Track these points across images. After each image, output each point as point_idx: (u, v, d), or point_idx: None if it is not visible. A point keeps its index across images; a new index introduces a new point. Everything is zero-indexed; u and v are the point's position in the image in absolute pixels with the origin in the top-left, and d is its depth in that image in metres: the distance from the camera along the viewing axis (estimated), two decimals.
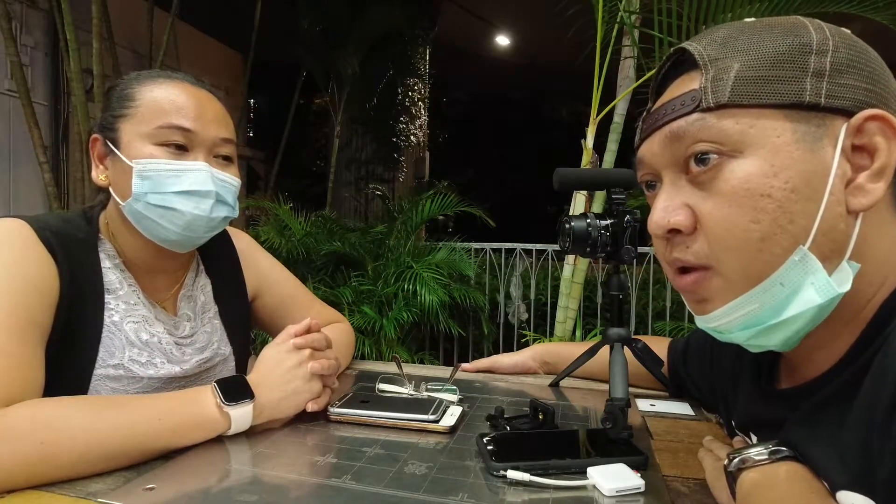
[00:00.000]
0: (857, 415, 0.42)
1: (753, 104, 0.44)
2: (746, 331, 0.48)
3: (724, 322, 0.48)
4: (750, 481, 0.49)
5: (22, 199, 3.54)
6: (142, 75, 0.79)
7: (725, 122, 0.45)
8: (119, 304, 0.77)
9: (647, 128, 0.52)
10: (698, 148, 0.46)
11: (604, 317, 3.35)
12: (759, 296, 0.45)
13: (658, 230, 0.49)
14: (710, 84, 0.46)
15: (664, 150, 0.49)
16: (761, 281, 0.45)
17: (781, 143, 0.43)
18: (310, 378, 0.73)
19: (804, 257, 0.43)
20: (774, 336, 0.47)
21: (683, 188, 0.48)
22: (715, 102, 0.45)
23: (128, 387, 0.75)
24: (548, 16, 2.93)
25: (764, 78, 0.44)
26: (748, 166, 0.44)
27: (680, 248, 0.49)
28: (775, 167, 0.43)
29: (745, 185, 0.44)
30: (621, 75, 2.53)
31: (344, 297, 2.92)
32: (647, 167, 0.52)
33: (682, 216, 0.47)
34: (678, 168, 0.49)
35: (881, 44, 0.55)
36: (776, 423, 0.53)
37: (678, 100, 0.48)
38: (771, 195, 0.43)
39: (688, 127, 0.47)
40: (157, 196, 0.73)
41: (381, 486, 0.55)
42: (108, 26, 3.26)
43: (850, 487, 0.42)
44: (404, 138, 6.24)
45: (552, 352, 1.02)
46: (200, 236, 0.79)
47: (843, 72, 0.44)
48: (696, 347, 0.82)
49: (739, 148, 0.44)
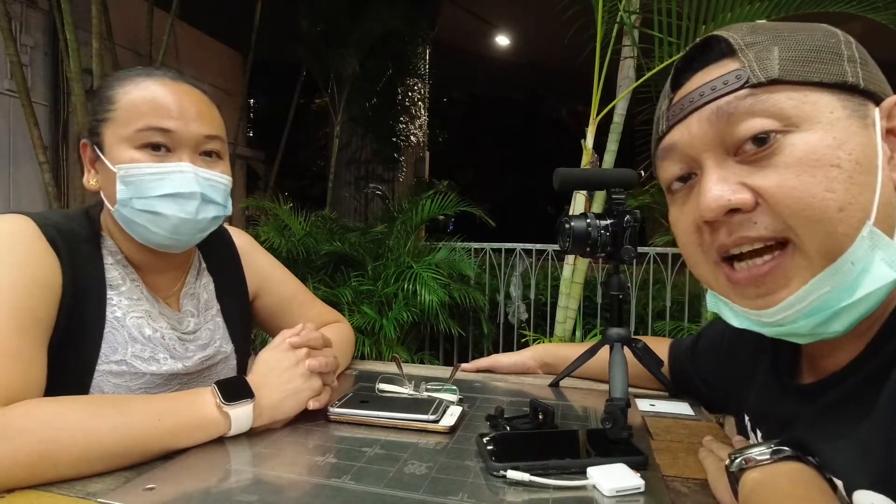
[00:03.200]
0: (880, 411, 0.42)
1: (802, 81, 0.45)
2: (814, 317, 0.45)
3: (793, 311, 0.45)
4: (752, 481, 0.48)
5: (22, 199, 3.54)
6: (121, 75, 0.77)
7: (779, 96, 0.45)
8: (122, 299, 0.77)
9: (677, 113, 0.50)
10: (755, 124, 0.45)
11: (604, 317, 3.35)
12: (832, 277, 0.43)
13: (713, 212, 0.46)
14: (756, 63, 0.46)
15: (707, 130, 0.47)
16: (837, 258, 0.43)
17: (836, 117, 0.44)
18: (309, 376, 0.73)
19: (872, 233, 0.43)
20: (839, 321, 0.46)
21: (732, 168, 0.46)
22: (766, 77, 0.45)
23: (130, 383, 0.75)
24: (548, 16, 2.93)
25: (807, 59, 0.45)
26: (810, 138, 0.44)
27: (744, 226, 0.45)
28: (837, 139, 0.43)
29: (814, 156, 0.43)
30: (621, 75, 2.53)
31: (344, 297, 2.92)
32: (681, 154, 0.50)
33: (745, 194, 0.45)
34: (723, 149, 0.47)
35: (881, 44, 0.56)
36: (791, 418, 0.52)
37: (719, 80, 0.47)
38: (840, 165, 0.43)
39: (738, 103, 0.46)
40: (142, 201, 0.72)
41: (381, 486, 0.55)
42: (108, 26, 3.26)
43: (871, 487, 0.42)
44: (404, 138, 6.24)
45: (552, 353, 1.02)
46: (191, 238, 0.79)
47: (866, 62, 0.46)
48: (709, 344, 0.81)
49: (796, 122, 0.44)
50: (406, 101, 6.23)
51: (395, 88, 5.93)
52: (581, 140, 2.41)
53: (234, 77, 5.61)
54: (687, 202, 0.51)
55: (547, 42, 5.65)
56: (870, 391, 0.43)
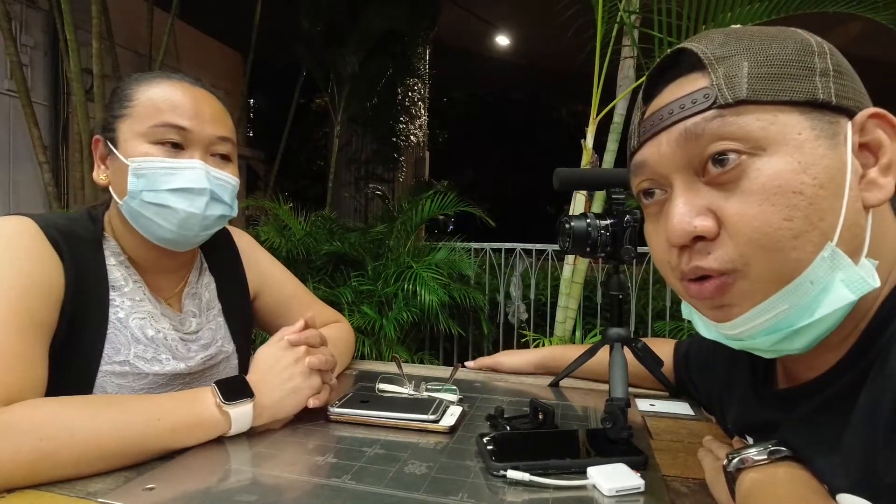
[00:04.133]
0: (859, 417, 0.42)
1: (770, 101, 0.43)
2: (772, 335, 0.46)
3: (748, 328, 0.46)
4: (749, 481, 0.49)
5: (22, 199, 3.54)
6: (141, 77, 0.80)
7: (746, 119, 0.44)
8: (124, 300, 0.77)
9: (648, 130, 0.49)
10: (719, 147, 0.44)
11: (604, 317, 3.35)
12: (789, 296, 0.43)
13: (680, 238, 0.46)
14: (724, 81, 0.44)
15: (675, 150, 0.47)
16: (789, 281, 0.43)
17: (803, 139, 0.43)
18: (309, 374, 0.73)
19: (833, 253, 0.42)
20: (800, 339, 0.46)
21: (700, 191, 0.46)
22: (734, 98, 0.44)
23: (133, 383, 0.75)
24: (548, 16, 2.93)
25: (777, 76, 0.44)
26: (776, 163, 0.43)
27: (700, 255, 0.46)
28: (802, 163, 0.42)
29: (776, 182, 0.42)
30: (621, 75, 2.53)
31: (344, 297, 2.92)
32: (651, 171, 0.49)
33: (708, 221, 0.45)
34: (691, 170, 0.46)
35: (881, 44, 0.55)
36: (772, 425, 0.53)
37: (686, 98, 0.46)
38: (802, 192, 0.42)
39: (706, 125, 0.45)
40: (152, 194, 0.74)
41: (381, 486, 0.55)
42: (108, 26, 3.26)
43: (853, 491, 0.42)
44: (404, 138, 6.25)
45: (556, 357, 1.01)
46: (196, 234, 0.79)
47: (841, 73, 0.45)
48: (696, 350, 0.82)
49: (762, 145, 0.43)
50: (406, 101, 6.23)
51: (395, 88, 5.93)
52: (581, 140, 2.41)
53: (234, 77, 5.61)
54: (659, 220, 0.50)
55: (547, 42, 5.65)
56: (848, 398, 0.43)
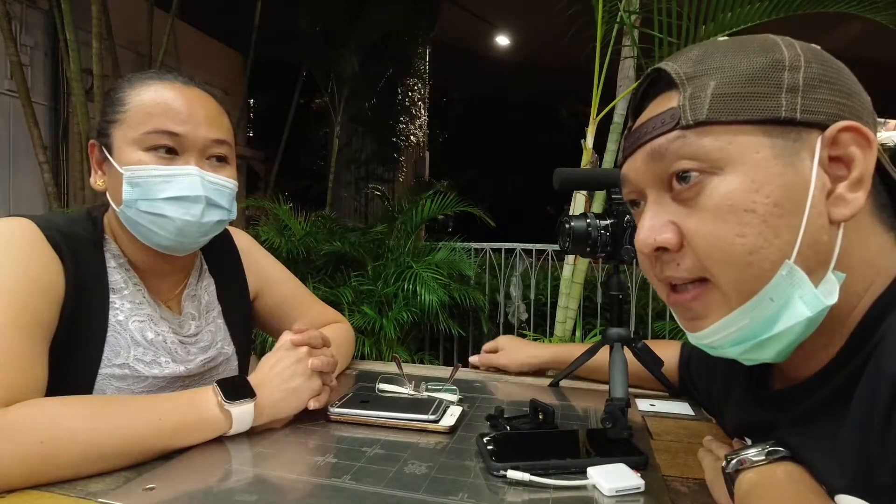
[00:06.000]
0: (853, 418, 0.42)
1: (731, 121, 0.45)
2: (739, 346, 0.48)
3: (717, 338, 0.48)
4: (748, 482, 0.49)
5: (22, 199, 3.54)
6: (133, 78, 0.78)
7: (705, 140, 0.45)
8: (124, 303, 0.77)
9: (629, 146, 0.52)
10: (680, 166, 0.46)
11: (604, 317, 3.35)
12: (750, 311, 0.45)
13: (645, 248, 0.49)
14: (689, 102, 0.46)
15: (646, 168, 0.49)
16: (752, 296, 0.45)
17: (761, 158, 0.44)
18: (310, 375, 0.73)
19: (791, 271, 0.43)
20: (767, 350, 0.48)
21: (668, 206, 0.48)
22: (694, 120, 0.45)
23: (132, 386, 0.75)
24: (548, 16, 2.93)
25: (740, 95, 0.45)
26: (730, 183, 0.44)
27: (670, 266, 0.49)
28: (756, 182, 0.44)
29: (728, 201, 0.44)
30: (621, 75, 2.53)
31: (344, 297, 2.92)
32: (631, 185, 0.53)
33: (669, 233, 0.47)
34: (661, 186, 0.49)
35: (881, 44, 0.55)
36: (768, 426, 0.53)
37: (658, 118, 0.48)
38: (754, 210, 0.43)
39: (668, 145, 0.47)
40: (147, 203, 0.73)
41: (381, 486, 0.55)
42: (108, 26, 3.26)
43: (850, 491, 0.42)
44: (404, 138, 6.25)
45: (565, 356, 1.01)
46: (195, 241, 0.79)
47: (816, 87, 0.45)
48: (697, 352, 0.83)
49: (720, 165, 0.45)
50: (406, 101, 6.23)
51: (395, 88, 5.93)
52: (581, 140, 2.41)
53: (234, 77, 5.61)
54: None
55: (547, 42, 5.65)
56: (841, 400, 0.44)
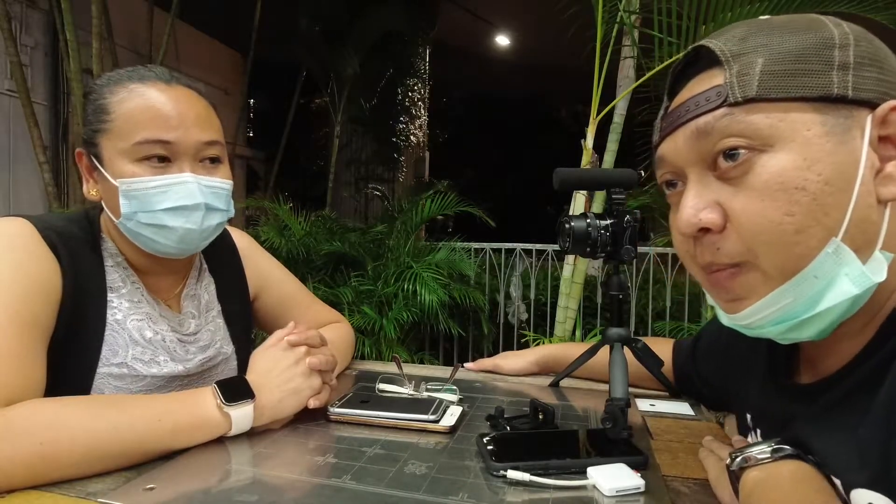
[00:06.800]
0: (877, 411, 0.42)
1: (782, 98, 0.44)
2: (781, 325, 0.48)
3: (757, 318, 0.48)
4: (753, 480, 0.49)
5: (22, 199, 3.54)
6: (112, 80, 0.75)
7: (755, 117, 0.45)
8: (122, 302, 0.77)
9: (668, 126, 0.51)
10: (727, 143, 0.46)
11: (604, 317, 3.35)
12: (794, 289, 0.45)
13: (688, 229, 0.48)
14: (736, 79, 0.45)
15: (689, 146, 0.49)
16: (794, 274, 0.44)
17: (812, 135, 0.43)
18: (309, 374, 0.73)
19: (838, 249, 0.43)
20: (808, 329, 0.47)
21: (711, 185, 0.48)
22: (743, 97, 0.45)
23: (131, 385, 0.75)
24: (548, 16, 2.93)
25: (790, 72, 0.44)
26: (781, 160, 0.44)
27: (710, 249, 0.48)
28: (808, 160, 0.43)
29: (779, 179, 0.44)
30: (621, 75, 2.54)
31: (344, 297, 2.91)
32: (669, 165, 0.52)
33: (714, 214, 0.47)
34: (704, 165, 0.48)
35: None
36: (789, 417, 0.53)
37: (701, 96, 0.48)
38: (805, 188, 0.43)
39: (715, 122, 0.46)
40: (147, 215, 0.72)
41: (381, 486, 0.55)
42: (108, 26, 3.26)
43: (869, 486, 0.42)
44: (404, 138, 6.25)
45: (556, 356, 1.01)
46: (197, 246, 0.79)
47: (866, 65, 0.45)
48: (708, 343, 0.81)
49: (770, 142, 0.44)
50: (406, 101, 6.23)
51: (395, 88, 5.93)
52: (581, 140, 2.41)
53: (234, 77, 5.61)
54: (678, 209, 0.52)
55: (547, 42, 5.64)
56: (867, 392, 0.44)
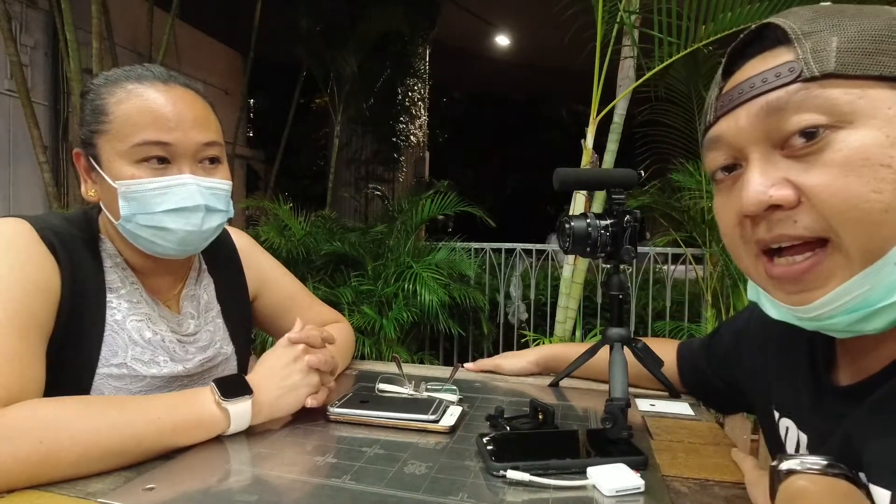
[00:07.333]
0: None
1: (860, 75, 0.43)
2: (852, 314, 0.45)
3: (830, 308, 0.46)
4: (797, 488, 0.46)
5: (22, 199, 3.54)
6: (109, 80, 0.75)
7: (833, 91, 0.43)
8: (121, 302, 0.77)
9: (727, 104, 0.50)
10: (805, 120, 0.44)
11: (604, 317, 3.35)
12: (872, 277, 0.43)
13: (756, 207, 0.46)
14: (811, 55, 0.44)
15: (755, 123, 0.47)
16: (878, 258, 0.43)
17: (893, 114, 0.42)
18: (307, 372, 0.73)
19: None
20: (878, 320, 0.45)
21: (779, 163, 0.46)
22: (820, 71, 0.44)
23: (130, 385, 0.75)
24: (548, 16, 2.93)
25: (867, 51, 0.43)
26: (862, 136, 0.42)
27: (784, 223, 0.45)
28: (892, 137, 0.42)
29: (863, 155, 0.42)
30: (621, 75, 2.54)
31: (344, 297, 2.91)
32: (727, 145, 0.50)
33: (787, 189, 0.45)
34: (770, 143, 0.46)
35: None
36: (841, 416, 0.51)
37: (770, 72, 0.46)
38: (891, 165, 0.41)
39: (789, 98, 0.45)
40: (146, 216, 0.72)
41: (381, 486, 0.55)
42: (108, 26, 3.26)
43: None
44: (404, 138, 6.25)
45: (556, 356, 1.01)
46: (197, 247, 0.79)
47: None
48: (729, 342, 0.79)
49: (849, 118, 0.43)
50: (406, 101, 6.23)
51: (395, 88, 5.93)
52: (581, 140, 2.41)
53: (234, 77, 5.61)
54: (731, 193, 0.50)
55: (547, 42, 5.65)
56: None
